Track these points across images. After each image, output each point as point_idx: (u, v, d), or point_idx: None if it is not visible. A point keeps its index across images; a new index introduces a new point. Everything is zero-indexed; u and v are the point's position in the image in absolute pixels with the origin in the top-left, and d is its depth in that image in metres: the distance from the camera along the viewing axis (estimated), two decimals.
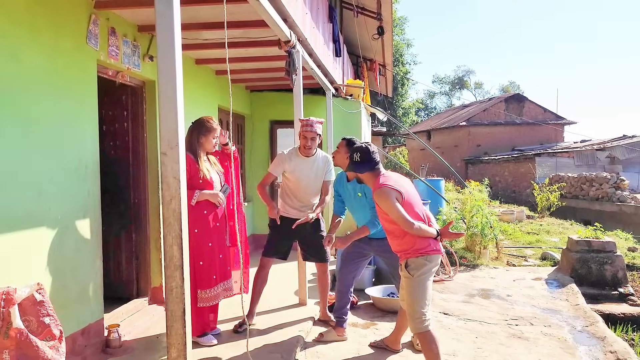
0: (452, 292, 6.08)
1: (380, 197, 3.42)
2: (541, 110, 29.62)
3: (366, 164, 3.56)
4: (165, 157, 2.26)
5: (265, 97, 8.39)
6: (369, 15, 10.22)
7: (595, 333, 4.70)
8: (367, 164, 3.56)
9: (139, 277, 4.92)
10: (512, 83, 56.07)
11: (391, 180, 3.51)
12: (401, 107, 35.86)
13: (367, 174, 3.59)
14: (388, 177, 3.55)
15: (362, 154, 3.57)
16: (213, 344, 4.02)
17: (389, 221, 3.50)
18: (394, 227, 3.49)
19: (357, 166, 3.59)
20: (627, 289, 6.32)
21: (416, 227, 3.38)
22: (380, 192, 3.42)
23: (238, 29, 4.63)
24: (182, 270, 2.26)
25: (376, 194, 3.45)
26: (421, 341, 3.48)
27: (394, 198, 3.38)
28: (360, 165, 3.58)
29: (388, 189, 3.41)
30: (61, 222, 3.42)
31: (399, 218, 3.37)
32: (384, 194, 3.39)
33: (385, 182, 3.46)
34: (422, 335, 3.45)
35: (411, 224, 3.36)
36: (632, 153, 20.06)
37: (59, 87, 3.44)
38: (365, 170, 3.57)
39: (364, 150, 3.59)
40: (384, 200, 3.40)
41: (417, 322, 3.43)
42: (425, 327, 3.43)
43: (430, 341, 3.43)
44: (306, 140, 4.37)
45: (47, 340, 2.51)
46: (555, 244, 9.63)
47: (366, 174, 3.59)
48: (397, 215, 3.37)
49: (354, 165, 3.60)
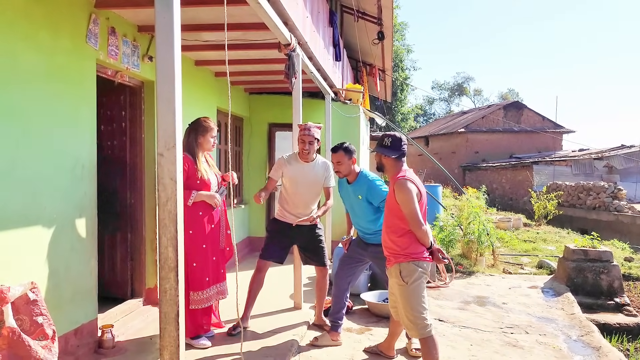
0: (448, 299, 6.06)
1: (402, 187, 3.40)
2: (540, 118, 29.69)
3: (395, 150, 3.54)
4: (161, 158, 2.25)
5: (264, 100, 8.39)
6: (370, 20, 10.23)
7: (591, 343, 4.69)
8: (396, 150, 3.54)
9: (134, 278, 4.89)
10: (511, 90, 56.19)
11: (413, 177, 3.52)
12: (400, 113, 35.86)
13: (391, 160, 3.55)
14: (412, 174, 3.56)
15: (394, 140, 3.56)
16: (207, 346, 4.00)
17: (395, 215, 3.49)
18: (397, 223, 3.48)
19: (385, 150, 3.56)
20: (623, 299, 6.32)
21: (424, 229, 3.39)
22: (404, 183, 3.41)
23: (238, 31, 4.62)
24: (176, 272, 2.24)
25: (399, 184, 3.43)
26: (423, 346, 3.47)
27: (414, 194, 3.39)
28: (388, 150, 3.54)
29: (412, 183, 3.42)
30: (56, 222, 3.40)
31: (411, 213, 3.36)
32: (407, 187, 3.39)
33: (410, 177, 3.47)
34: (424, 341, 3.45)
35: (421, 223, 3.38)
36: (629, 163, 20.10)
37: (57, 86, 3.43)
38: (392, 154, 3.53)
39: (396, 138, 3.58)
40: (404, 192, 3.38)
41: (420, 327, 3.43)
42: (428, 332, 3.43)
43: (431, 346, 3.43)
44: (304, 144, 4.36)
45: (40, 340, 2.50)
46: (552, 252, 9.62)
47: (391, 159, 3.55)
48: (411, 210, 3.36)
49: (383, 148, 3.57)
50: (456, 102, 55.92)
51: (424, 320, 3.43)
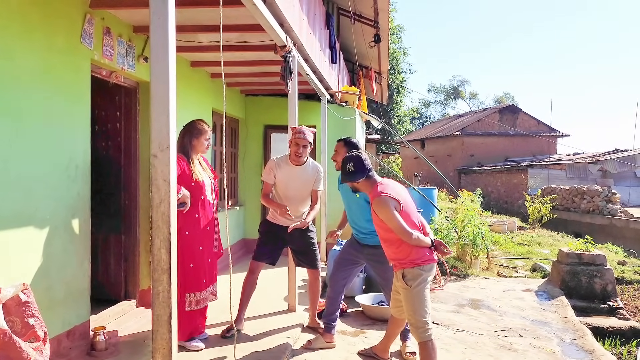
0: (442, 302, 6.07)
1: (379, 206, 3.41)
2: (535, 122, 29.80)
3: (360, 172, 3.56)
4: (155, 160, 2.24)
5: (260, 102, 8.38)
6: (366, 23, 10.24)
7: (584, 346, 4.70)
8: (361, 172, 3.56)
9: (128, 280, 4.87)
10: (506, 94, 56.44)
11: (389, 189, 3.50)
12: (396, 115, 35.92)
13: (362, 182, 3.59)
14: (386, 185, 3.55)
15: (355, 163, 3.57)
16: (200, 349, 3.98)
17: (385, 229, 3.50)
18: (390, 236, 3.48)
19: (351, 176, 3.58)
20: (616, 302, 6.34)
21: (414, 237, 3.38)
22: (380, 200, 3.41)
23: (234, 32, 4.61)
24: (169, 274, 2.23)
25: (375, 203, 3.44)
26: (422, 350, 3.47)
27: (393, 207, 3.39)
28: (354, 175, 3.57)
29: (387, 197, 3.41)
30: (49, 222, 3.38)
31: (397, 228, 3.37)
32: (384, 203, 3.39)
33: (383, 191, 3.46)
34: (424, 344, 3.45)
35: (410, 234, 3.37)
36: (623, 167, 20.20)
37: (52, 86, 3.41)
38: (359, 178, 3.57)
39: (356, 159, 3.58)
40: (383, 209, 3.39)
41: (421, 331, 3.44)
42: (428, 336, 3.44)
43: (431, 350, 3.44)
44: (297, 147, 4.35)
45: (31, 342, 2.48)
46: (546, 255, 9.65)
47: (361, 182, 3.59)
48: (396, 225, 3.36)
49: (348, 175, 3.59)
50: (452, 105, 56.18)
51: (425, 324, 3.44)
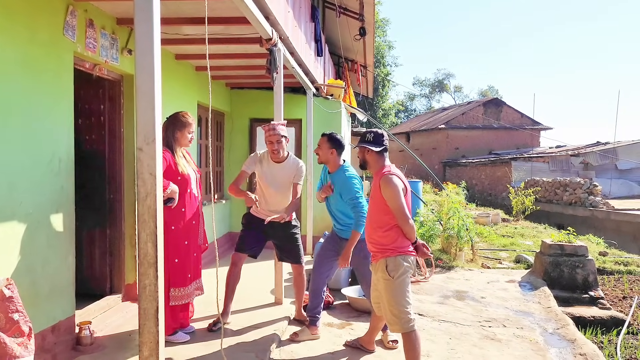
0: (427, 293, 6.13)
1: (388, 183, 3.45)
2: (518, 115, 30.09)
3: (376, 144, 3.60)
4: (141, 153, 2.22)
5: (246, 95, 8.35)
6: (351, 16, 10.24)
7: (566, 335, 4.79)
8: (378, 144, 3.60)
9: (113, 274, 4.84)
10: (490, 87, 56.86)
11: (399, 173, 3.58)
12: (381, 109, 35.99)
13: (374, 154, 3.61)
14: (396, 170, 3.61)
15: (376, 135, 3.62)
16: (185, 340, 3.99)
17: (379, 210, 3.52)
18: (382, 218, 3.51)
19: (368, 144, 3.61)
20: (597, 292, 6.45)
21: (411, 223, 3.45)
22: (390, 179, 3.46)
23: (219, 25, 4.58)
24: (156, 267, 2.23)
25: (385, 179, 3.47)
26: (405, 341, 3.50)
27: (400, 188, 3.44)
28: (371, 144, 3.60)
29: (397, 178, 3.48)
30: (33, 217, 3.35)
31: (399, 208, 3.41)
32: (393, 182, 3.44)
33: (395, 172, 3.53)
34: (407, 335, 3.48)
35: (408, 217, 3.43)
36: (605, 159, 20.50)
37: (33, 79, 3.36)
38: (373, 147, 3.59)
39: (378, 133, 3.65)
40: (391, 187, 3.43)
41: (403, 322, 3.46)
42: (411, 327, 3.47)
43: (414, 341, 3.47)
44: (272, 145, 4.33)
45: (16, 337, 2.46)
46: (529, 247, 9.78)
47: (374, 154, 3.61)
48: (399, 205, 3.41)
49: (366, 143, 3.62)
50: (437, 98, 56.40)
51: (407, 314, 3.46)
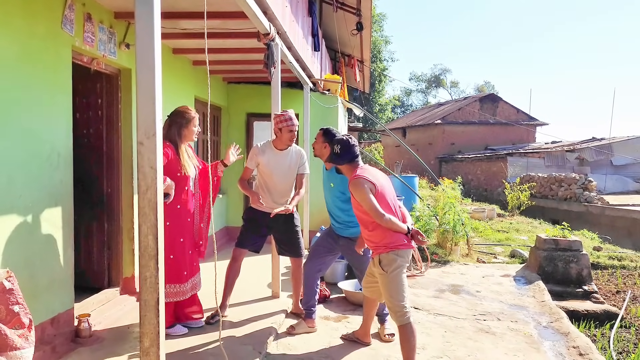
0: (423, 287, 6.18)
1: (354, 187, 3.54)
2: (514, 111, 30.15)
3: (345, 156, 3.71)
4: (141, 147, 2.24)
5: (243, 90, 8.35)
6: (349, 11, 10.23)
7: (560, 329, 4.85)
8: (346, 156, 3.71)
9: (111, 267, 4.86)
10: (487, 83, 56.92)
11: (367, 173, 3.63)
12: (378, 104, 36.02)
13: (345, 165, 3.75)
14: (365, 169, 3.70)
15: (343, 147, 3.71)
16: (183, 333, 4.02)
17: (362, 212, 3.61)
18: (366, 218, 3.60)
19: (336, 158, 3.74)
20: (591, 287, 6.52)
21: (386, 218, 3.48)
22: (355, 182, 3.54)
23: (217, 19, 4.59)
24: (156, 259, 2.25)
25: (351, 184, 3.58)
26: (401, 333, 3.55)
27: (367, 189, 3.51)
28: (339, 157, 3.72)
29: (362, 179, 3.54)
30: (32, 210, 3.36)
31: (370, 208, 3.48)
32: (359, 184, 3.52)
33: (361, 174, 3.59)
34: (403, 328, 3.53)
35: (381, 214, 3.47)
36: (600, 155, 20.60)
37: (32, 73, 3.37)
38: (344, 162, 3.73)
39: (345, 143, 3.72)
40: (357, 190, 3.52)
41: (399, 314, 3.51)
42: (406, 320, 3.52)
43: (409, 333, 3.52)
44: (292, 134, 4.39)
45: (16, 329, 2.48)
46: (524, 242, 9.85)
47: (345, 165, 3.75)
48: (369, 205, 3.48)
49: (334, 156, 3.74)
50: (433, 93, 56.39)
51: (402, 308, 3.51)
